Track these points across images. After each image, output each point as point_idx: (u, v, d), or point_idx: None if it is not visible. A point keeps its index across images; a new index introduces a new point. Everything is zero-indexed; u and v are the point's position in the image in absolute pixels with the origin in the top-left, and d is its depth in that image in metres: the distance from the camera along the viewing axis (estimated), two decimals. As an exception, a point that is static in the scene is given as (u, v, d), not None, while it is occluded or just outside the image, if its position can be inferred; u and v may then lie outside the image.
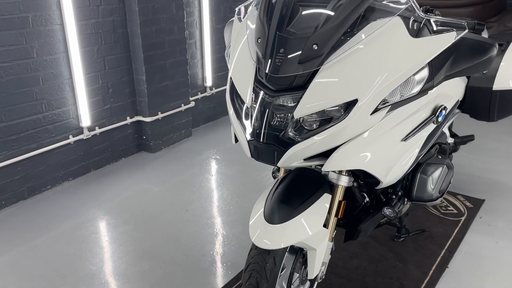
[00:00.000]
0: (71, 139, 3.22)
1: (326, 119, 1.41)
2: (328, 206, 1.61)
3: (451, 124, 2.85)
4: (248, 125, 1.47)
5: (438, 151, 1.99)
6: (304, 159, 1.45)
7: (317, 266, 1.63)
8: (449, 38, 1.49)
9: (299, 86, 1.39)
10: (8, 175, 2.90)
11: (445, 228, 2.63)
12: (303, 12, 1.44)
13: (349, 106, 1.37)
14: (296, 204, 1.55)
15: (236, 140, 1.63)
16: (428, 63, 1.48)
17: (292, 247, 1.66)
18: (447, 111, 1.75)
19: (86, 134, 3.30)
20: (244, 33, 1.59)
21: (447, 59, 1.53)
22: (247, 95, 1.48)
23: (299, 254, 1.69)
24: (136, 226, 2.72)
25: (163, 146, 3.82)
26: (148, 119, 3.63)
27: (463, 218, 2.73)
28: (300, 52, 1.37)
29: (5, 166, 2.86)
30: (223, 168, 3.48)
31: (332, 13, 1.39)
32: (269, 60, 1.41)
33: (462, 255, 2.40)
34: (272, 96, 1.42)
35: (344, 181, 1.66)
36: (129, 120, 3.60)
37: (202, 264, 2.36)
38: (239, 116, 1.52)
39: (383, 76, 1.38)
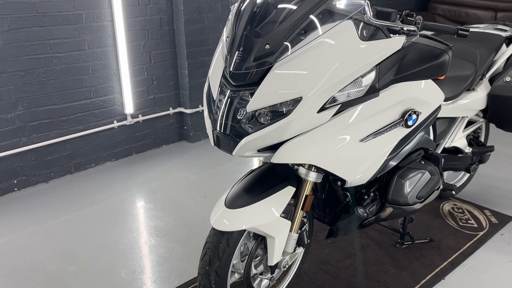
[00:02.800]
0: (115, 124, 3.55)
1: (278, 113, 1.48)
2: (289, 198, 1.68)
3: (476, 132, 2.71)
4: (214, 117, 1.60)
5: (423, 157, 1.94)
6: (258, 151, 1.54)
7: (276, 254, 1.70)
8: (398, 43, 1.49)
9: (255, 82, 1.48)
10: (57, 151, 3.30)
11: (457, 241, 2.52)
12: (272, 14, 1.52)
13: (297, 102, 1.44)
14: (257, 192, 1.65)
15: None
16: (376, 65, 1.49)
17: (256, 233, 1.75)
18: (421, 116, 1.72)
19: (129, 121, 3.62)
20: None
21: (395, 63, 1.52)
22: (215, 90, 1.60)
23: (260, 240, 1.77)
24: (162, 208, 2.96)
25: (202, 137, 4.05)
26: (189, 111, 3.87)
27: (481, 233, 2.59)
28: (255, 51, 1.46)
29: (56, 143, 3.26)
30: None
31: (287, 14, 1.46)
32: (231, 58, 1.52)
33: (464, 270, 2.29)
34: (232, 90, 1.53)
35: (312, 177, 1.71)
36: (171, 111, 3.88)
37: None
38: (210, 109, 1.65)
39: (328, 75, 1.42)
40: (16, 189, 3.15)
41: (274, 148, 1.53)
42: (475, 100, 2.37)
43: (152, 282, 2.24)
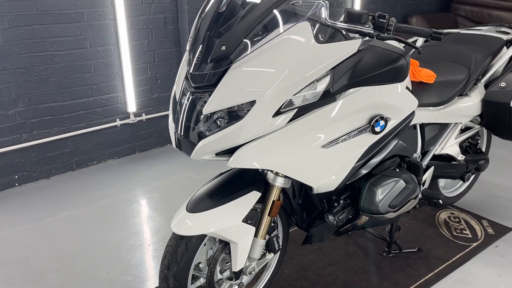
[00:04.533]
0: (118, 122, 3.60)
1: (235, 116, 1.46)
2: (253, 203, 1.65)
3: (474, 139, 2.60)
4: (175, 119, 1.59)
5: (399, 164, 1.87)
6: (217, 154, 1.52)
7: (240, 259, 1.68)
8: (354, 46, 1.43)
9: (213, 84, 1.46)
10: (59, 148, 3.37)
11: (447, 251, 2.42)
12: (230, 14, 1.50)
13: (251, 105, 1.41)
14: (220, 197, 1.63)
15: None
16: (332, 69, 1.44)
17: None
18: (391, 122, 1.66)
19: (132, 119, 3.66)
20: None
21: (350, 67, 1.47)
22: (178, 91, 1.59)
23: (225, 245, 1.75)
24: (156, 207, 2.98)
25: (205, 137, 4.05)
26: (191, 110, 3.88)
27: (474, 244, 2.48)
28: (211, 52, 1.44)
29: (57, 139, 3.34)
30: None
31: (244, 15, 1.43)
32: (191, 59, 1.51)
33: (450, 282, 2.20)
34: (192, 92, 1.51)
35: (279, 182, 1.68)
36: (174, 110, 3.90)
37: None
38: (174, 111, 1.64)
39: (282, 78, 1.39)
40: (17, 184, 3.24)
41: (233, 152, 1.51)
42: (468, 106, 2.27)
43: (130, 283, 2.26)
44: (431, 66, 2.24)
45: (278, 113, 1.43)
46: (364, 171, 1.73)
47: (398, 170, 1.83)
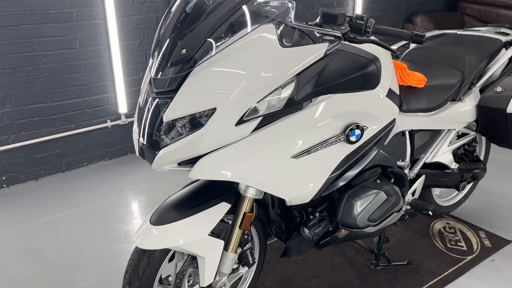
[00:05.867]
0: (109, 123, 3.54)
1: (196, 124, 1.37)
2: (221, 215, 1.57)
3: (471, 146, 2.47)
4: (138, 125, 1.50)
5: (385, 175, 1.76)
6: (179, 164, 1.43)
7: (208, 275, 1.60)
8: (320, 50, 1.33)
9: (174, 90, 1.38)
10: (48, 149, 3.32)
11: (439, 265, 2.30)
12: (192, 16, 1.41)
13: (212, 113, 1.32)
14: (186, 208, 1.54)
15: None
16: (297, 75, 1.34)
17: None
18: (369, 131, 1.55)
19: (123, 120, 3.59)
20: None
21: (316, 73, 1.36)
22: (142, 96, 1.51)
23: (192, 259, 1.67)
24: (141, 212, 2.91)
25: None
26: (185, 112, 3.80)
27: (469, 258, 2.36)
28: (172, 55, 1.35)
29: (46, 140, 3.28)
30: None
31: (206, 16, 1.34)
32: (153, 63, 1.42)
33: (439, 298, 2.09)
34: (153, 98, 1.43)
35: (251, 193, 1.59)
36: (168, 111, 3.82)
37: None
38: (138, 117, 1.55)
39: (243, 85, 1.29)
40: (4, 185, 3.20)
41: (196, 162, 1.42)
42: (461, 111, 2.15)
43: (106, 290, 2.19)
44: (422, 70, 2.12)
45: (241, 121, 1.34)
46: (341, 183, 1.63)
47: (379, 181, 1.72)
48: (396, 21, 5.44)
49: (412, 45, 2.51)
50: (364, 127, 1.52)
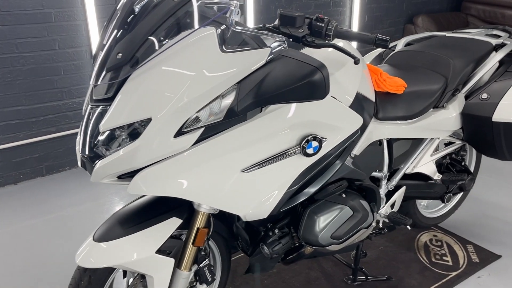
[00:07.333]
0: (91, 127, 3.45)
1: (134, 135, 1.26)
2: (171, 231, 1.46)
3: (460, 155, 2.34)
4: (80, 135, 1.40)
5: (350, 188, 1.64)
6: (119, 177, 1.33)
7: (158, 295, 1.48)
8: (261, 56, 1.21)
9: (111, 97, 1.27)
10: (27, 152, 3.24)
11: (421, 281, 2.17)
12: (130, 18, 1.30)
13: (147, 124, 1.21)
14: (132, 224, 1.44)
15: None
16: (238, 83, 1.22)
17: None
18: (329, 143, 1.42)
19: (106, 124, 3.50)
20: None
21: (257, 81, 1.23)
22: (85, 104, 1.41)
23: (141, 277, 1.56)
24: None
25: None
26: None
27: (453, 274, 2.22)
28: (107, 60, 1.25)
29: (24, 144, 3.20)
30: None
31: (144, 18, 1.23)
32: (93, 68, 1.32)
33: (417, 319, 1.95)
34: (92, 106, 1.33)
35: (205, 207, 1.48)
36: (153, 114, 3.72)
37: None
38: (81, 126, 1.45)
39: (180, 93, 1.18)
40: (-19, 189, 3.13)
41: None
42: (445, 119, 2.01)
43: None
44: (403, 74, 1.99)
45: (181, 132, 1.23)
46: (303, 197, 1.51)
47: (344, 195, 1.59)
48: (397, 22, 5.29)
49: (398, 48, 2.38)
50: (322, 139, 1.39)
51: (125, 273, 1.62)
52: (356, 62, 1.36)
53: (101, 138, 1.28)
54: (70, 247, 2.51)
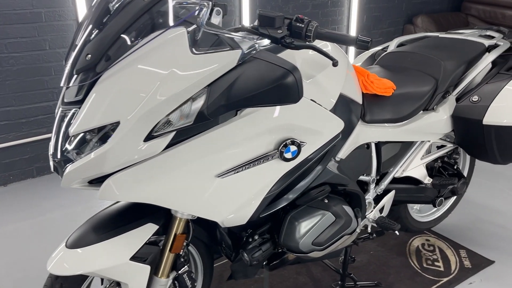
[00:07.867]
0: (83, 128, 3.41)
1: (105, 139, 1.22)
2: (147, 237, 1.42)
3: (452, 158, 2.28)
4: (52, 139, 1.37)
5: (333, 193, 1.59)
6: (90, 182, 1.29)
7: (133, 302, 1.44)
8: (232, 58, 1.16)
9: (81, 100, 1.23)
10: (17, 153, 3.21)
11: (411, 287, 2.12)
12: (102, 17, 1.26)
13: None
14: (107, 230, 1.40)
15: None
16: (208, 86, 1.18)
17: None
18: (308, 147, 1.38)
19: (98, 124, 3.47)
20: None
21: (228, 84, 1.19)
22: (57, 107, 1.37)
23: (116, 284, 1.52)
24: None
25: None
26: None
27: (444, 280, 2.17)
28: (77, 62, 1.21)
29: (14, 145, 3.17)
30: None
31: (114, 18, 1.19)
32: (65, 69, 1.28)
33: (406, 327, 1.90)
34: (63, 108, 1.29)
35: (182, 213, 1.44)
36: (146, 115, 3.69)
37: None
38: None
39: (149, 95, 1.14)
40: (-30, 191, 3.10)
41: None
42: (435, 122, 1.96)
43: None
44: (392, 76, 1.95)
45: (151, 136, 1.19)
46: (284, 202, 1.47)
47: (327, 201, 1.55)
48: (396, 22, 5.24)
49: (390, 48, 2.33)
50: (301, 143, 1.35)
51: (102, 280, 1.58)
52: (335, 64, 1.32)
53: (71, 142, 1.25)
54: (51, 252, 2.46)
